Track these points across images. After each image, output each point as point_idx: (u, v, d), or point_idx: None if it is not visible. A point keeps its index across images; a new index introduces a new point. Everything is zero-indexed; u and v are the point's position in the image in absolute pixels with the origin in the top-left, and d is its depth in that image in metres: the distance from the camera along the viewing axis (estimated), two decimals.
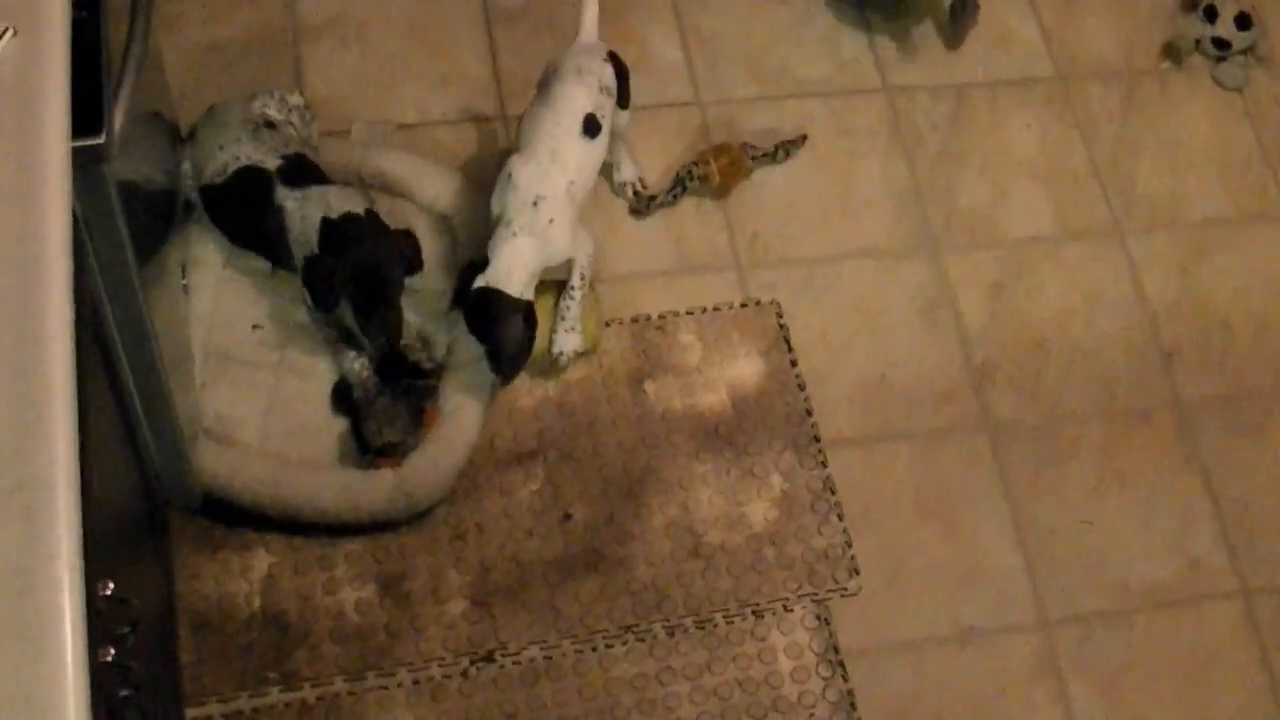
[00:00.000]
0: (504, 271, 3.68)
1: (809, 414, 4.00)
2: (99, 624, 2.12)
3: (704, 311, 4.11)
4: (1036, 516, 3.99)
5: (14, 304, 2.06)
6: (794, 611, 3.76)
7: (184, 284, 3.65)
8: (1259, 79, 4.86)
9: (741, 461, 3.92)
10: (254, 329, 3.79)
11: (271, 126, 3.84)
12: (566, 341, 3.87)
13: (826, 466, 3.94)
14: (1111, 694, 3.81)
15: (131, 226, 2.63)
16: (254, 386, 3.73)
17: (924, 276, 4.31)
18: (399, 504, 3.63)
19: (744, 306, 4.14)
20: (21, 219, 2.12)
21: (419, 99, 4.34)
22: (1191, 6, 4.87)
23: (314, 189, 3.69)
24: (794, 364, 4.06)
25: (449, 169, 4.12)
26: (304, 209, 3.66)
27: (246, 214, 3.75)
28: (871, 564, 3.84)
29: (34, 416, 2.00)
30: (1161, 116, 4.74)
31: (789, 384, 4.04)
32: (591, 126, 3.83)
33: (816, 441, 3.97)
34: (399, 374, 3.71)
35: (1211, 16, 4.80)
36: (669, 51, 4.55)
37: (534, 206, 3.71)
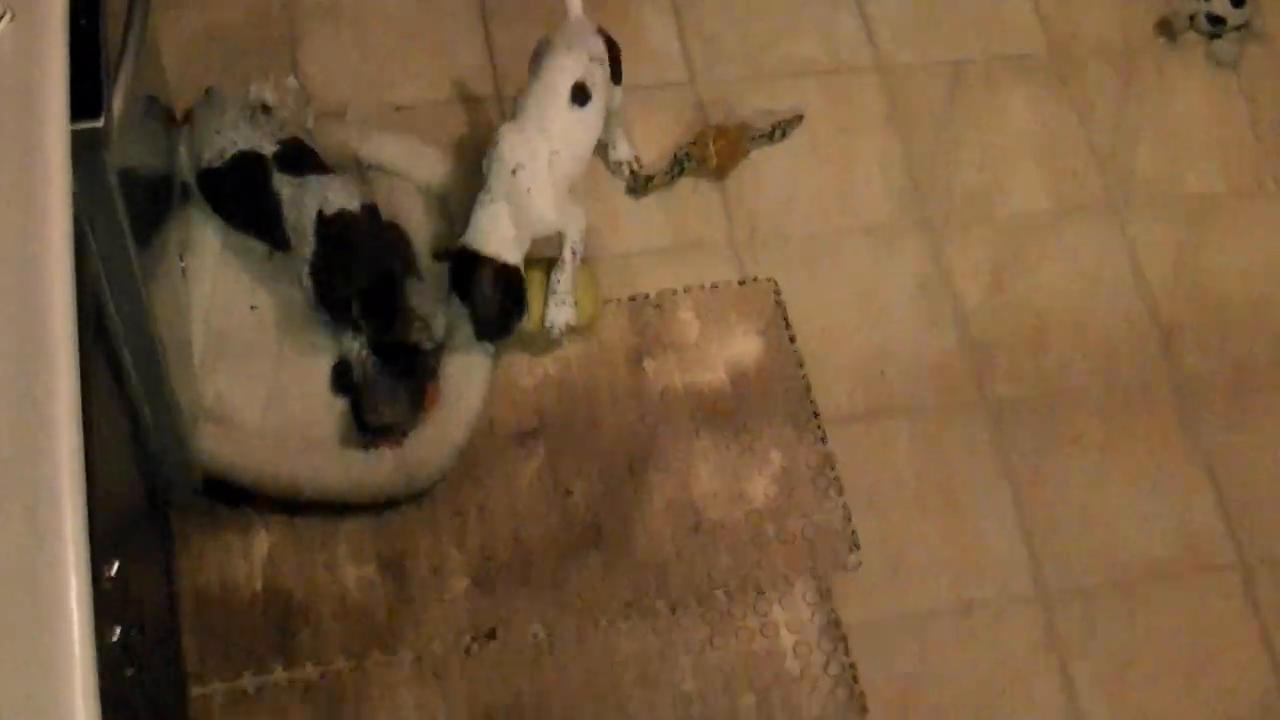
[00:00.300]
0: (480, 234, 3.70)
1: (808, 391, 4.01)
2: (104, 605, 2.13)
3: (702, 289, 4.11)
4: (1036, 493, 4.00)
5: (15, 291, 2.07)
6: (795, 587, 3.77)
7: (182, 267, 3.65)
8: (1254, 56, 4.85)
9: (741, 438, 3.93)
10: (252, 310, 3.80)
11: (268, 111, 3.85)
12: (558, 314, 3.87)
13: (826, 443, 3.94)
14: (1112, 669, 3.82)
15: (130, 211, 2.63)
16: (253, 368, 3.73)
17: (922, 255, 4.31)
18: (400, 483, 3.64)
19: (742, 284, 4.14)
20: (21, 204, 2.13)
21: (414, 81, 4.34)
22: None
23: (311, 178, 3.69)
24: (792, 341, 4.07)
25: (445, 150, 4.13)
26: (299, 197, 3.66)
27: (244, 199, 3.75)
28: (872, 540, 3.85)
29: (36, 402, 2.01)
30: (1158, 94, 4.73)
31: (788, 361, 4.04)
32: (580, 95, 3.83)
33: (816, 418, 3.98)
34: (398, 354, 3.71)
35: None
36: (663, 32, 4.55)
37: (513, 174, 3.71)
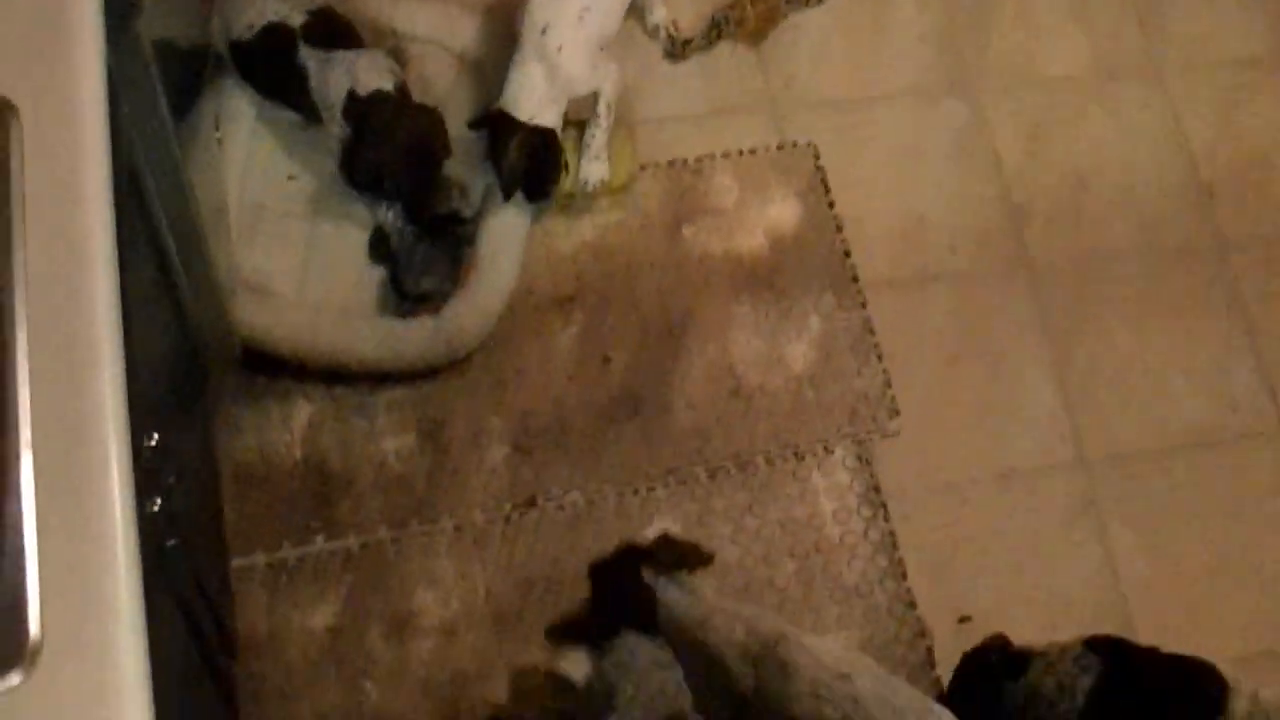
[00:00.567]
0: (513, 96, 3.69)
1: (847, 255, 3.98)
2: (145, 475, 2.14)
3: (740, 155, 4.08)
4: (1076, 357, 3.98)
5: (52, 162, 2.06)
6: (834, 453, 3.77)
7: (217, 137, 3.64)
8: None
9: (780, 303, 3.91)
10: (289, 180, 3.78)
11: None
12: (592, 171, 3.85)
13: (865, 308, 3.93)
14: (1151, 534, 3.82)
15: (165, 81, 2.62)
16: (290, 238, 3.72)
17: (961, 117, 4.26)
18: (438, 351, 3.64)
19: (780, 149, 4.11)
20: (55, 75, 2.11)
21: None
22: None
23: (339, 53, 3.66)
24: (831, 206, 4.04)
25: (479, 16, 4.08)
26: (327, 73, 3.64)
27: (272, 72, 3.72)
28: (911, 405, 3.84)
29: (75, 274, 2.01)
30: None
31: (827, 226, 4.02)
32: None
33: (855, 282, 3.96)
34: (436, 223, 3.69)
35: None
36: None
37: (542, 34, 3.69)
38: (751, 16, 4.18)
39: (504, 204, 3.72)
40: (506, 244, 3.74)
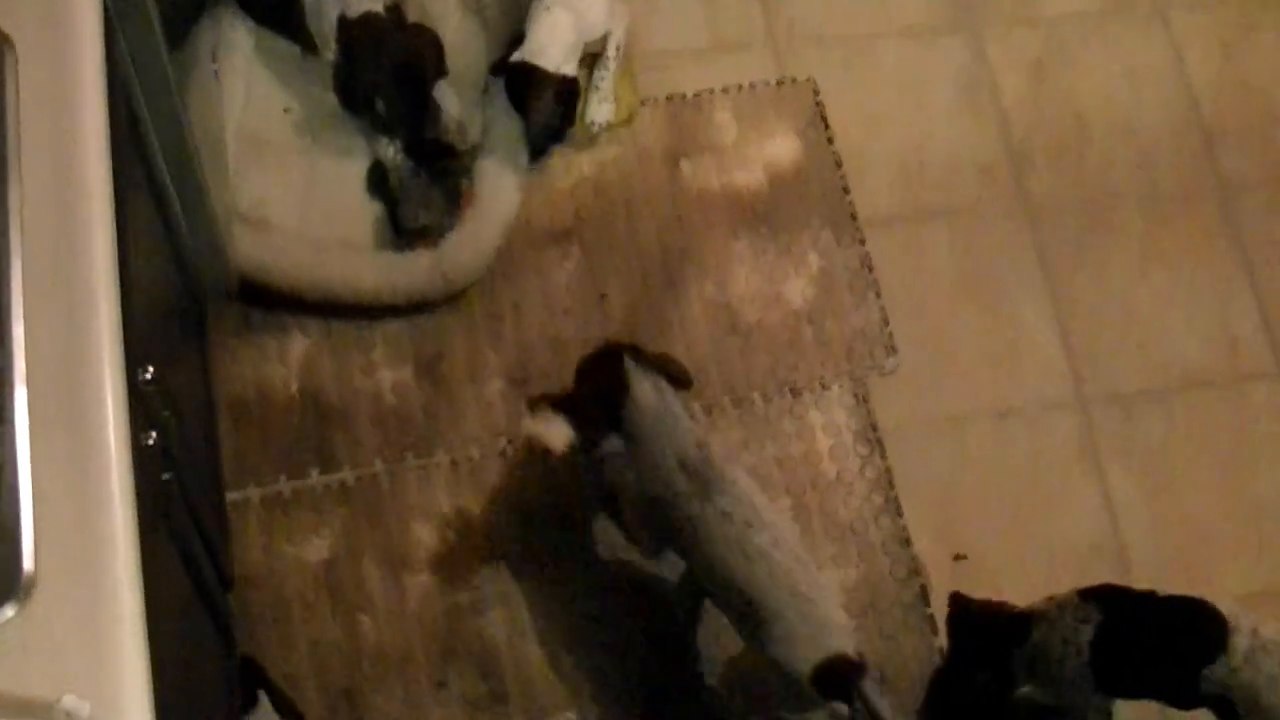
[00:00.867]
0: (540, 46, 3.67)
1: (846, 192, 3.97)
2: (140, 408, 2.14)
3: (740, 90, 4.06)
4: (1076, 297, 3.97)
5: (48, 95, 2.06)
6: (831, 390, 3.76)
7: (214, 69, 3.61)
8: None
9: (778, 240, 3.90)
10: (286, 112, 3.76)
11: None
12: (600, 111, 3.84)
13: (864, 245, 3.92)
14: (1149, 472, 3.82)
15: (161, 11, 2.60)
16: (288, 170, 3.70)
17: (963, 55, 4.24)
18: (436, 285, 3.63)
19: (780, 85, 4.09)
20: (51, 8, 2.10)
21: None
22: None
23: None
24: (831, 142, 4.02)
25: None
26: (318, 1, 3.63)
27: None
28: (909, 343, 3.83)
29: (71, 207, 2.00)
30: None
31: (826, 162, 4.00)
32: None
33: (854, 220, 3.95)
34: (433, 156, 3.68)
35: None
36: None
37: None
38: None
39: (501, 139, 3.71)
40: (504, 179, 3.72)
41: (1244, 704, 3.02)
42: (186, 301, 3.27)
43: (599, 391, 3.17)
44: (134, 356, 2.04)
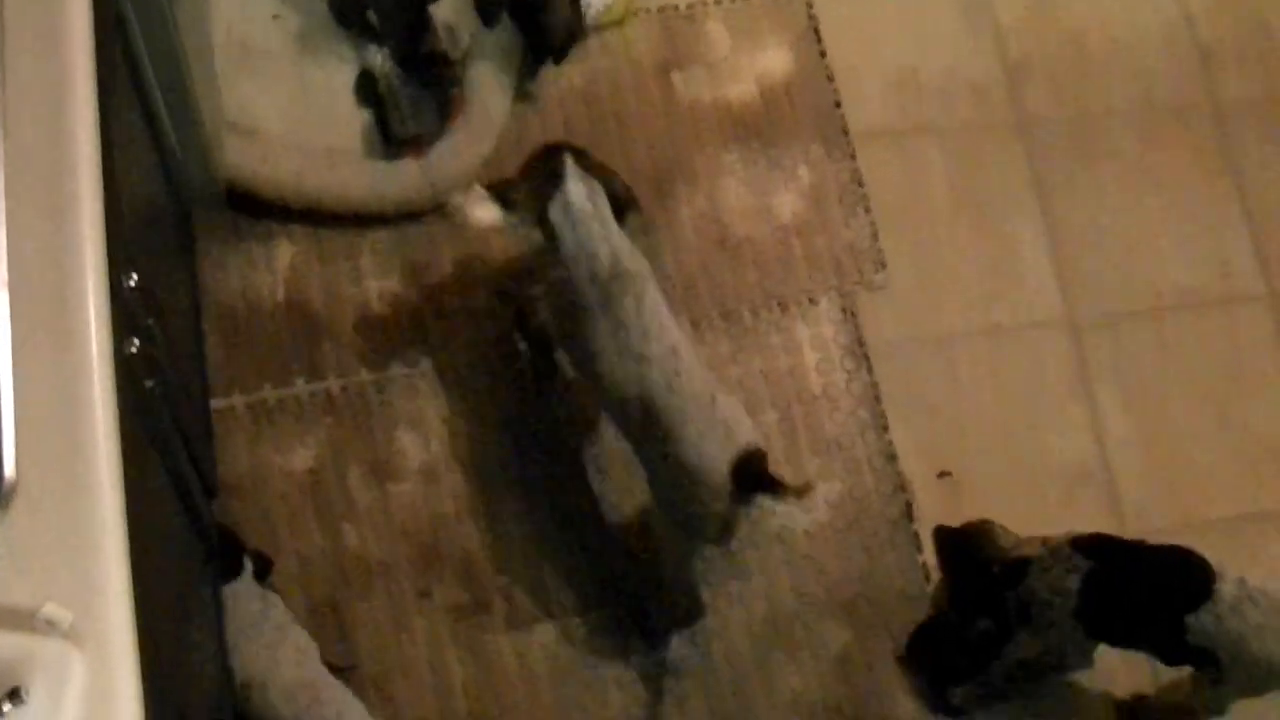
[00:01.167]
0: None
1: (838, 106, 3.95)
2: (124, 316, 2.12)
3: (733, 1, 4.03)
4: (1068, 217, 3.96)
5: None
6: (819, 304, 3.76)
7: None
8: None
9: (769, 153, 3.89)
10: (274, 19, 3.73)
11: None
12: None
13: (855, 160, 3.90)
14: (1136, 393, 3.82)
15: None
16: (276, 78, 3.68)
17: None
18: (424, 194, 3.61)
19: None
20: None
21: None
22: None
23: None
24: (823, 55, 4.00)
25: None
26: None
27: None
28: (899, 259, 3.83)
29: (54, 112, 1.98)
30: None
31: (818, 76, 3.98)
32: None
33: (845, 134, 3.93)
34: (423, 65, 3.66)
35: None
36: None
37: None
38: None
39: (491, 48, 3.69)
40: (494, 88, 3.70)
41: (1229, 654, 3.04)
42: (173, 209, 3.25)
43: (535, 180, 3.22)
44: (118, 262, 2.02)
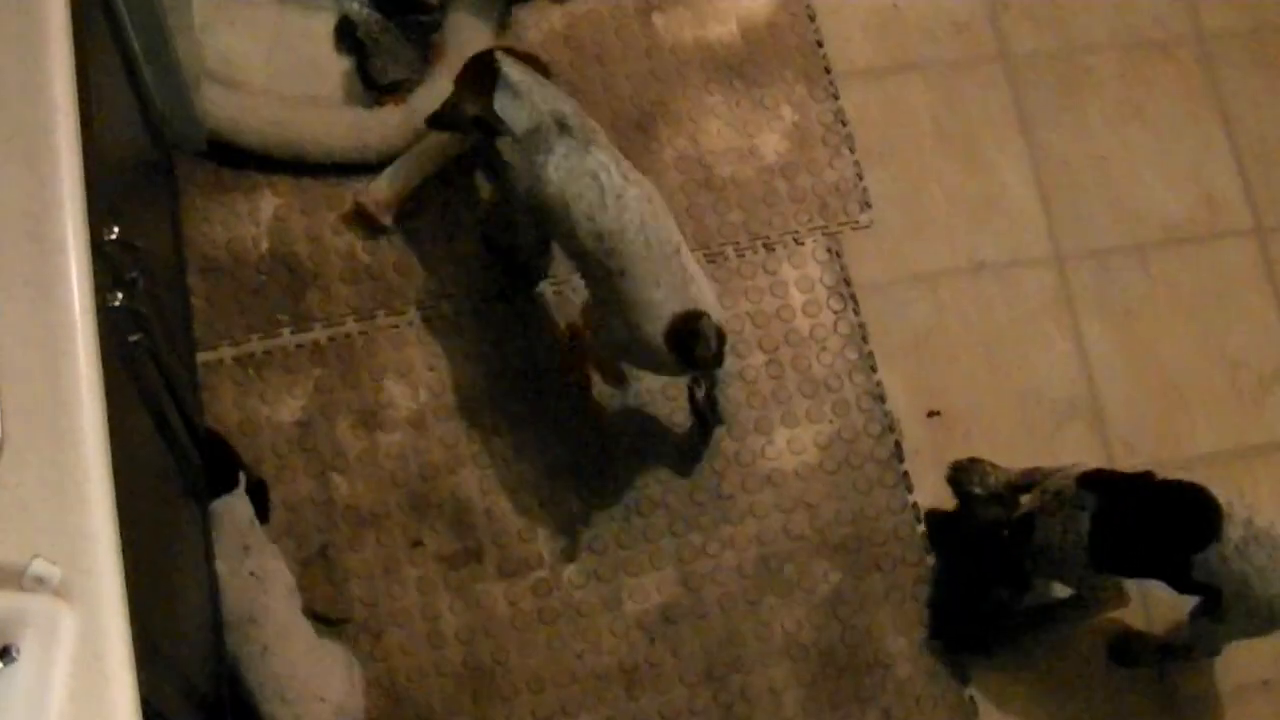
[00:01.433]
0: None
1: (820, 45, 3.93)
2: (106, 268, 2.11)
3: None
4: (1052, 150, 3.95)
5: None
6: (805, 245, 3.75)
7: None
8: None
9: (752, 93, 3.87)
10: None
11: None
12: None
13: (838, 99, 3.88)
14: (1124, 328, 3.82)
15: None
16: (256, 26, 3.65)
17: None
18: (407, 141, 3.60)
19: None
20: None
21: None
22: None
23: None
24: None
25: None
26: None
27: None
28: (884, 197, 3.81)
29: (29, 62, 1.97)
30: None
31: (800, 14, 3.96)
32: None
33: (828, 73, 3.91)
34: (403, 10, 3.64)
35: None
36: None
37: None
38: None
39: None
40: (474, 33, 3.68)
41: (1232, 593, 3.05)
42: (155, 161, 3.24)
43: (473, 86, 3.32)
44: (99, 215, 2.01)
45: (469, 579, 3.38)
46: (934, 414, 3.66)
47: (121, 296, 2.19)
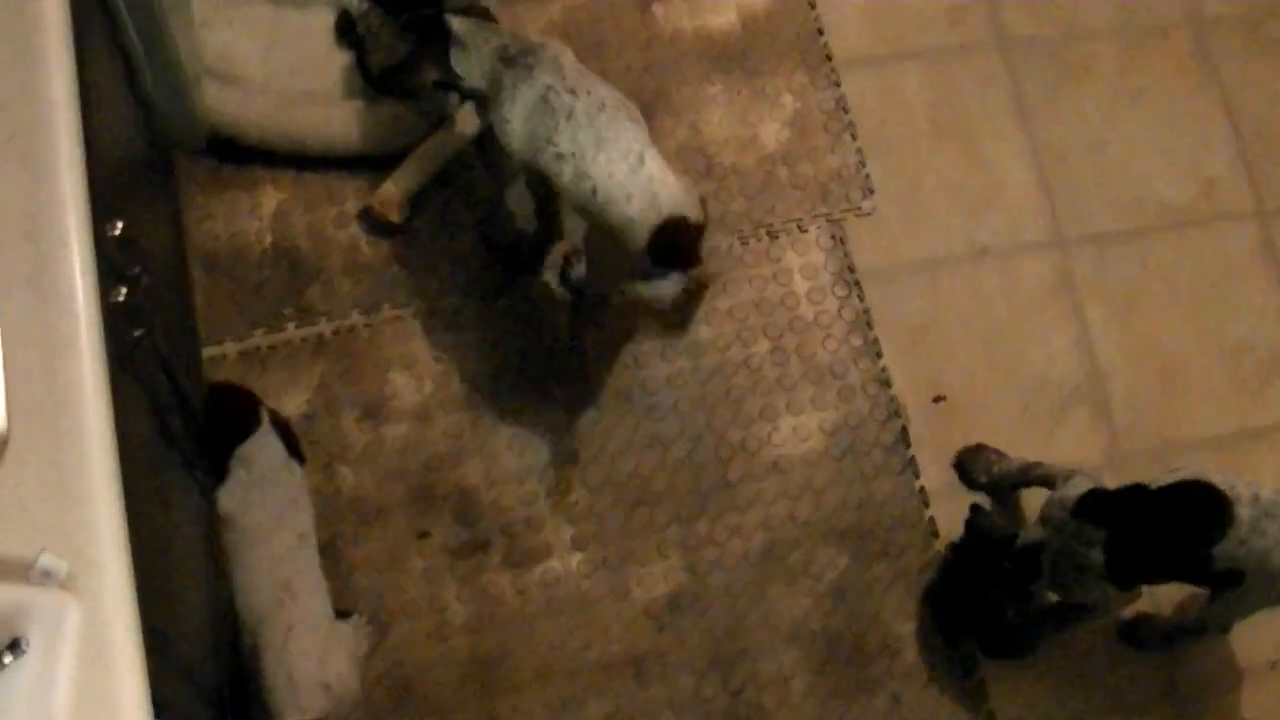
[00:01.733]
0: None
1: (820, 33, 3.93)
2: (108, 265, 2.12)
3: None
4: (1051, 135, 3.95)
5: None
6: (809, 232, 3.75)
7: None
8: None
9: (752, 82, 3.87)
10: None
11: None
12: None
13: (839, 86, 3.89)
14: (1125, 312, 3.82)
15: None
16: (254, 22, 3.66)
17: None
18: (407, 135, 3.60)
19: None
20: None
21: None
22: None
23: None
24: None
25: None
26: None
27: None
28: (886, 184, 3.82)
29: (30, 60, 1.97)
30: None
31: (799, 3, 3.96)
32: None
33: (828, 61, 3.92)
34: (402, 4, 3.64)
35: None
36: None
37: None
38: None
39: None
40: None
41: (1254, 570, 3.04)
42: (156, 158, 3.24)
43: (421, 51, 3.34)
44: (100, 212, 2.02)
45: (476, 570, 3.39)
46: (939, 399, 3.66)
47: (125, 292, 2.19)
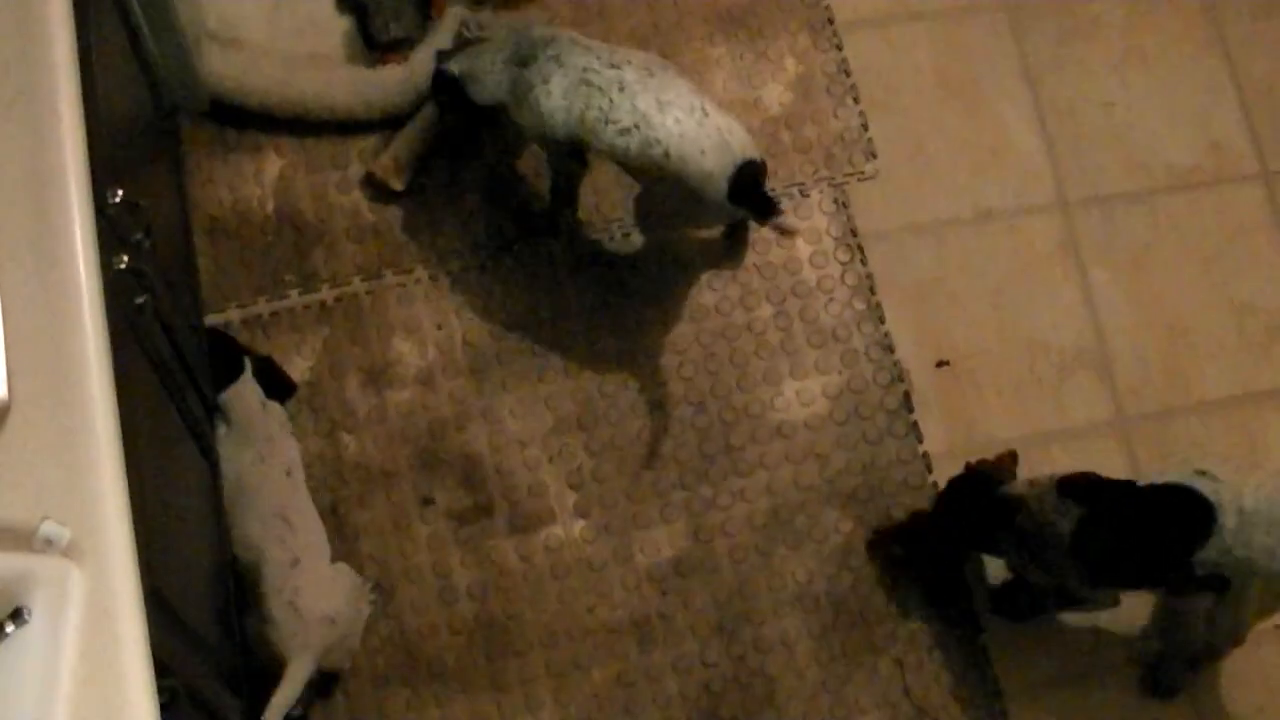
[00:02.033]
0: None
1: None
2: (110, 231, 2.11)
3: None
4: (1057, 97, 3.94)
5: None
6: (811, 196, 3.74)
7: None
8: None
9: (755, 45, 3.86)
10: None
11: None
12: None
13: (842, 49, 3.87)
14: (1131, 275, 3.81)
15: None
16: None
17: None
18: (409, 98, 3.59)
19: None
20: None
21: None
22: None
23: None
24: None
25: None
26: None
27: None
28: (889, 147, 3.81)
29: (32, 21, 1.96)
30: None
31: None
32: None
33: (831, 24, 3.90)
34: None
35: None
36: None
37: None
38: None
39: None
40: None
41: (1240, 578, 3.01)
42: (158, 123, 3.23)
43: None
44: (102, 178, 2.01)
45: (480, 535, 3.39)
46: (943, 364, 3.66)
47: (127, 259, 2.19)
